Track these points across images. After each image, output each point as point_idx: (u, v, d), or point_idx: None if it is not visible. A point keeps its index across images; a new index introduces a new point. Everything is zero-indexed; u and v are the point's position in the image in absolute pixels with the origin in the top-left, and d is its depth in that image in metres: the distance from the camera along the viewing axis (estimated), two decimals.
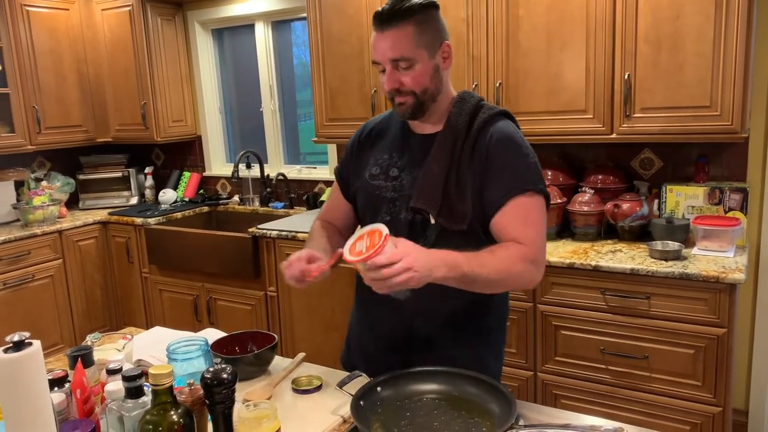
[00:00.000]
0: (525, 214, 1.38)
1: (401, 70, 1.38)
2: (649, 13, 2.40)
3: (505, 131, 1.42)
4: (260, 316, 3.41)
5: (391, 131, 1.56)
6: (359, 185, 1.55)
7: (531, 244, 1.36)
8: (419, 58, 1.37)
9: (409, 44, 1.36)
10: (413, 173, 1.45)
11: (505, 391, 1.21)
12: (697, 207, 2.62)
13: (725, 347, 2.22)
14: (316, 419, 1.29)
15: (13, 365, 0.99)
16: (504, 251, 1.35)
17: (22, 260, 3.55)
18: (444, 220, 1.39)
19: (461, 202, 1.39)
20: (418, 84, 1.39)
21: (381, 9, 1.37)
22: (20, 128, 3.79)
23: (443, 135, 1.43)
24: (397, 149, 1.51)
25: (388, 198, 1.47)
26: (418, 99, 1.40)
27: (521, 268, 1.34)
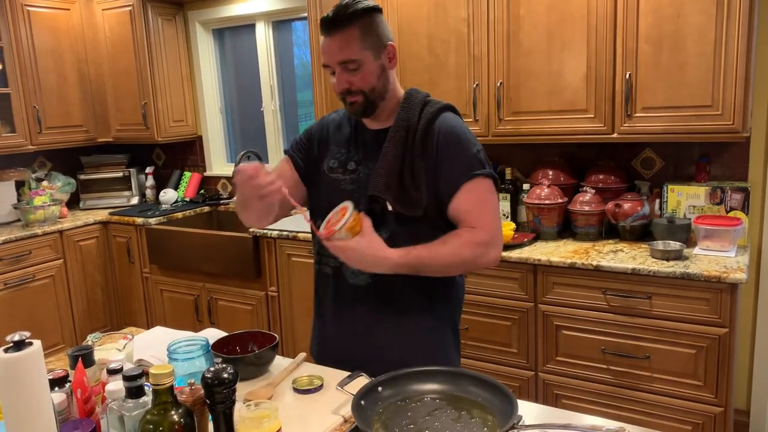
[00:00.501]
0: (476, 197, 1.50)
1: (350, 72, 1.47)
2: (650, 13, 2.39)
3: (450, 124, 1.54)
4: (261, 316, 3.41)
5: (345, 127, 1.64)
6: (316, 176, 1.63)
7: (483, 226, 1.49)
8: (365, 59, 1.46)
9: (356, 47, 1.45)
10: (369, 166, 1.55)
11: (506, 391, 1.20)
12: (699, 207, 2.61)
13: (727, 347, 2.21)
14: (316, 419, 1.29)
15: (13, 365, 0.99)
16: (457, 239, 1.48)
17: (23, 260, 3.55)
18: (400, 206, 1.49)
19: (415, 190, 1.49)
20: (366, 83, 1.48)
21: (327, 15, 1.46)
22: (21, 128, 3.79)
23: (395, 128, 1.53)
24: (352, 144, 1.61)
25: (348, 190, 1.56)
26: (368, 97, 1.50)
27: (474, 252, 1.48)
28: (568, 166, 2.92)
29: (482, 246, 1.49)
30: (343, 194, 1.54)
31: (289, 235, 3.19)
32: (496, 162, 3.15)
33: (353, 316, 1.59)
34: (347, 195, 1.53)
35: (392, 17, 2.96)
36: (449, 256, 1.47)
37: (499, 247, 1.54)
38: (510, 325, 2.62)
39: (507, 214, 2.96)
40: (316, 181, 1.64)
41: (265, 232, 3.27)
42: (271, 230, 3.25)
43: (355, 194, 1.54)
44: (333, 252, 1.41)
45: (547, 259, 2.48)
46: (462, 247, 1.47)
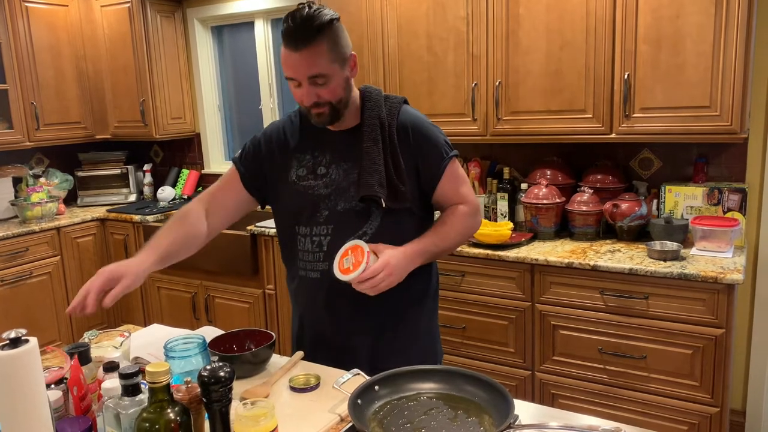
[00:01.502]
0: (455, 176, 1.63)
1: (317, 86, 1.47)
2: (649, 13, 2.39)
3: (415, 116, 1.62)
4: (258, 314, 3.41)
5: (300, 133, 1.64)
6: (284, 188, 1.63)
7: (468, 200, 1.65)
8: (334, 73, 1.47)
9: (325, 61, 1.45)
10: (342, 166, 1.57)
11: (503, 391, 1.20)
12: (696, 207, 2.62)
13: (723, 347, 2.22)
14: (313, 418, 1.29)
15: (9, 362, 0.99)
16: (452, 218, 1.62)
17: (20, 257, 3.54)
18: (392, 202, 1.54)
19: (402, 183, 1.55)
20: (334, 96, 1.50)
21: (291, 26, 1.43)
22: (18, 124, 3.78)
23: (368, 127, 1.56)
24: (316, 148, 1.61)
25: (324, 194, 1.58)
26: (335, 108, 1.51)
27: (470, 223, 1.65)
28: (566, 166, 2.93)
29: (473, 216, 1.65)
30: (319, 199, 1.57)
31: None
32: (494, 161, 3.15)
33: (349, 311, 1.60)
34: (323, 199, 1.57)
35: (391, 15, 2.96)
36: (454, 233, 1.61)
37: (482, 213, 1.77)
38: (507, 324, 2.63)
39: (505, 214, 2.96)
40: (281, 192, 1.64)
41: (262, 230, 3.27)
42: (268, 228, 3.25)
43: (332, 196, 1.57)
44: (372, 285, 1.43)
45: (545, 259, 2.48)
46: (461, 222, 1.62)
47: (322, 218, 1.57)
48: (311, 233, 1.59)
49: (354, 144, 1.57)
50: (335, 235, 1.56)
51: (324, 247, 1.57)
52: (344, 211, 1.56)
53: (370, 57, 3.07)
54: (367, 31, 3.05)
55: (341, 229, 1.56)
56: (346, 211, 1.56)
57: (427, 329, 1.71)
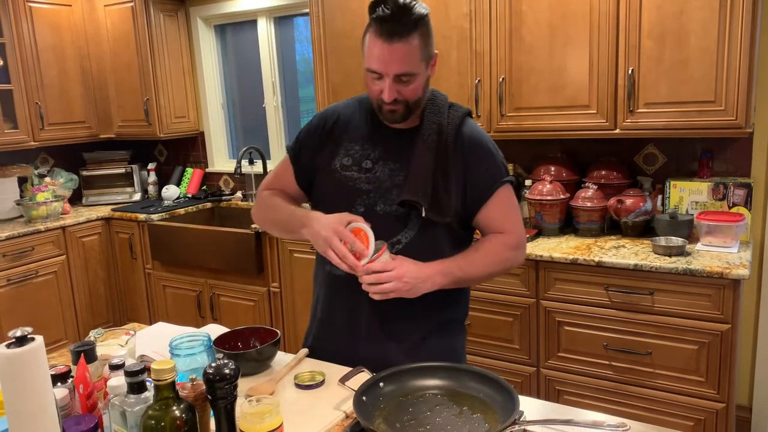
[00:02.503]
0: (506, 203, 1.51)
1: (401, 83, 1.38)
2: (653, 9, 2.38)
3: (477, 131, 1.52)
4: (263, 311, 3.42)
5: (357, 121, 1.56)
6: (325, 174, 1.55)
7: (513, 231, 1.52)
8: (420, 72, 1.40)
9: (416, 59, 1.36)
10: (389, 166, 1.49)
11: (508, 387, 1.20)
12: (701, 202, 2.61)
13: (729, 343, 2.21)
14: (318, 415, 1.29)
15: (15, 360, 0.99)
16: (489, 245, 1.50)
17: (26, 256, 3.56)
18: (433, 213, 1.44)
19: (447, 196, 1.45)
20: (414, 95, 1.42)
21: (385, 14, 1.32)
22: (23, 124, 3.79)
23: (426, 131, 1.47)
24: (368, 141, 1.52)
25: (363, 189, 1.49)
26: (409, 107, 1.44)
27: (506, 256, 1.52)
28: (570, 162, 2.92)
29: (513, 249, 1.52)
30: (357, 193, 1.49)
31: None
32: None
33: (368, 316, 1.51)
34: (361, 194, 1.49)
35: None
36: (485, 263, 1.48)
37: (525, 247, 1.57)
38: (512, 321, 2.62)
39: None
40: (322, 179, 1.56)
41: None
42: None
43: (371, 194, 1.48)
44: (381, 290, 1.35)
45: (549, 255, 2.48)
46: (496, 252, 1.50)
47: (357, 214, 1.46)
48: None
49: (407, 145, 1.48)
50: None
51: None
52: (383, 213, 1.47)
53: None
54: None
55: (375, 231, 1.42)
56: (385, 213, 1.47)
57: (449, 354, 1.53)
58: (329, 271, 1.57)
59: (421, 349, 1.51)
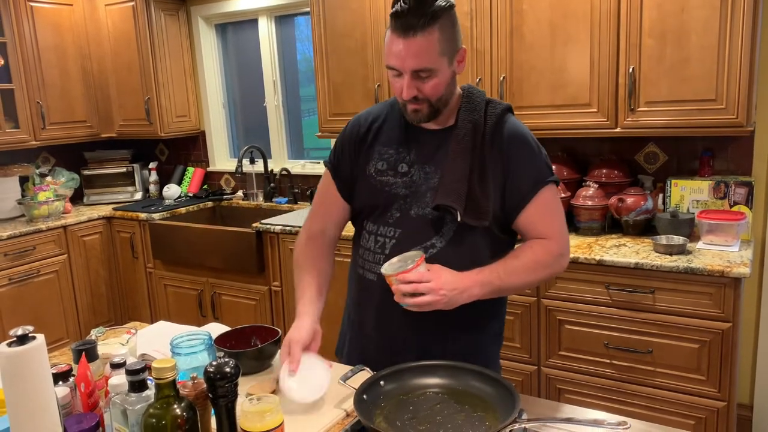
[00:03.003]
0: (549, 206, 1.43)
1: (420, 79, 1.34)
2: (654, 7, 2.38)
3: (518, 127, 1.44)
4: (264, 310, 3.42)
5: (390, 124, 1.51)
6: (361, 180, 1.51)
7: (556, 236, 1.43)
8: (440, 68, 1.34)
9: (434, 54, 1.31)
10: (425, 169, 1.43)
11: (508, 386, 1.20)
12: (702, 201, 2.60)
13: (730, 341, 2.21)
14: (319, 413, 1.29)
15: (16, 359, 1.00)
16: (530, 253, 1.41)
17: (27, 255, 3.56)
18: (469, 217, 1.37)
19: (484, 199, 1.38)
20: (436, 93, 1.36)
21: (402, 8, 1.28)
22: (24, 124, 3.79)
23: (461, 131, 1.41)
24: (402, 144, 1.47)
25: (400, 194, 1.44)
26: (433, 106, 1.38)
27: (548, 263, 1.42)
28: (571, 161, 2.92)
29: (556, 256, 1.43)
30: (394, 198, 1.44)
31: (292, 230, 3.19)
32: None
33: (399, 324, 1.46)
34: (398, 200, 1.44)
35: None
36: (526, 271, 1.40)
37: (569, 255, 1.48)
38: (513, 319, 2.62)
39: None
40: (358, 185, 1.52)
41: (268, 227, 3.27)
42: (273, 225, 3.25)
43: (408, 199, 1.43)
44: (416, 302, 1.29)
45: None
46: (538, 260, 1.41)
47: (392, 219, 1.44)
48: (377, 232, 1.47)
49: (442, 146, 1.42)
50: (402, 239, 1.42)
51: (386, 249, 1.43)
52: (416, 217, 1.42)
53: (374, 54, 3.06)
54: (371, 28, 3.05)
55: (409, 235, 1.41)
56: (419, 217, 1.42)
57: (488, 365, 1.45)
58: (360, 275, 1.53)
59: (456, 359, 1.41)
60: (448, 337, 1.47)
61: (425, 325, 1.45)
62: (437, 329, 1.46)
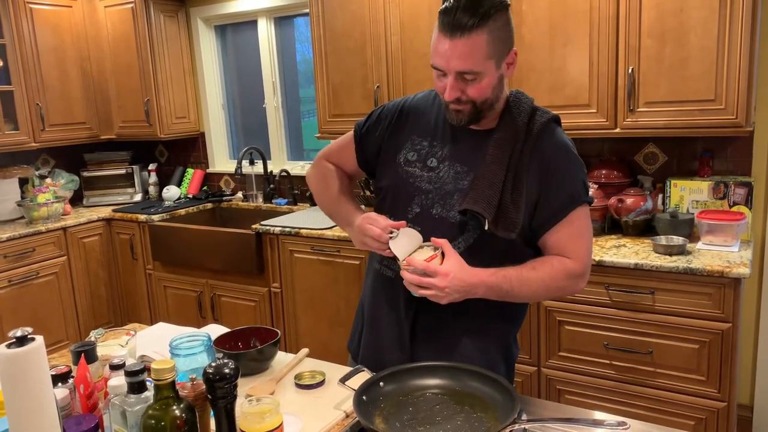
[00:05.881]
0: (579, 226, 1.37)
1: (465, 81, 1.28)
2: (653, 7, 2.38)
3: (563, 140, 1.39)
4: (264, 312, 3.42)
5: (431, 114, 1.46)
6: (388, 166, 1.47)
7: (580, 259, 1.37)
8: (487, 71, 1.27)
9: (481, 57, 1.25)
10: (456, 168, 1.39)
11: (508, 386, 1.20)
12: (702, 201, 2.60)
13: (730, 342, 2.21)
14: (318, 414, 1.29)
15: (16, 360, 0.99)
16: (548, 268, 1.35)
17: (27, 257, 3.56)
18: (497, 227, 1.31)
19: (515, 210, 1.32)
20: (481, 96, 1.30)
21: (452, 5, 1.22)
22: (24, 125, 3.79)
23: (501, 136, 1.35)
24: (438, 137, 1.42)
25: (423, 189, 1.40)
26: (477, 108, 1.32)
27: (563, 284, 1.37)
28: None
29: (574, 278, 1.37)
30: (416, 192, 1.40)
31: (291, 232, 3.19)
32: None
33: (410, 322, 1.44)
34: (420, 194, 1.40)
35: (394, 12, 2.95)
36: (539, 284, 1.34)
37: (587, 278, 1.40)
38: None
39: None
40: (386, 171, 1.48)
41: (267, 228, 3.27)
42: (273, 226, 3.25)
43: (431, 195, 1.39)
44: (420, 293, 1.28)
45: None
46: (554, 278, 1.35)
47: (412, 215, 1.39)
48: None
49: (479, 148, 1.36)
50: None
51: None
52: (438, 218, 1.37)
53: (373, 55, 3.07)
54: (370, 29, 3.05)
55: (426, 234, 1.34)
56: (440, 218, 1.37)
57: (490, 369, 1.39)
58: (378, 270, 1.50)
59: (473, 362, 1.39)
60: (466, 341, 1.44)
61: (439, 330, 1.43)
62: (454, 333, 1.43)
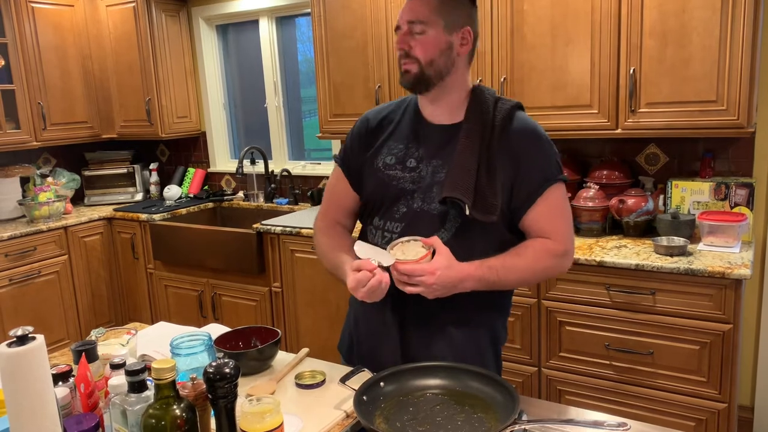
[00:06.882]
0: (556, 205, 1.42)
1: (413, 34, 1.38)
2: (655, 7, 2.38)
3: (529, 123, 1.45)
4: (265, 311, 3.42)
5: (400, 120, 1.52)
6: (369, 174, 1.51)
7: (560, 237, 1.42)
8: (433, 26, 1.38)
9: (428, 9, 1.37)
10: (432, 164, 1.43)
11: (508, 387, 1.20)
12: (703, 202, 2.60)
13: (731, 343, 2.21)
14: (319, 414, 1.29)
15: (16, 359, 1.00)
16: (531, 251, 1.40)
17: (28, 256, 3.56)
18: (476, 211, 1.36)
19: (492, 194, 1.38)
20: (425, 51, 1.38)
21: None
22: (25, 124, 3.80)
23: (470, 126, 1.42)
24: (411, 139, 1.48)
25: (408, 189, 1.44)
26: (423, 70, 1.39)
27: (549, 264, 1.41)
28: (572, 162, 2.92)
29: (558, 257, 1.42)
30: (401, 193, 1.45)
31: (292, 231, 3.19)
32: None
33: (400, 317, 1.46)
34: (405, 194, 1.44)
35: (395, 12, 2.95)
36: (525, 269, 1.39)
37: (572, 256, 1.46)
38: (513, 320, 2.62)
39: None
40: (366, 179, 1.52)
41: (268, 228, 3.27)
42: (274, 226, 3.25)
43: (415, 194, 1.43)
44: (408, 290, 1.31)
45: None
46: (538, 258, 1.40)
47: (398, 214, 1.44)
48: (383, 227, 1.47)
49: (450, 141, 1.42)
50: (405, 234, 1.40)
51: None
52: (420, 212, 1.42)
53: (375, 54, 3.07)
54: (371, 29, 3.05)
55: (412, 230, 1.40)
56: (423, 211, 1.42)
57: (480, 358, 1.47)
58: None
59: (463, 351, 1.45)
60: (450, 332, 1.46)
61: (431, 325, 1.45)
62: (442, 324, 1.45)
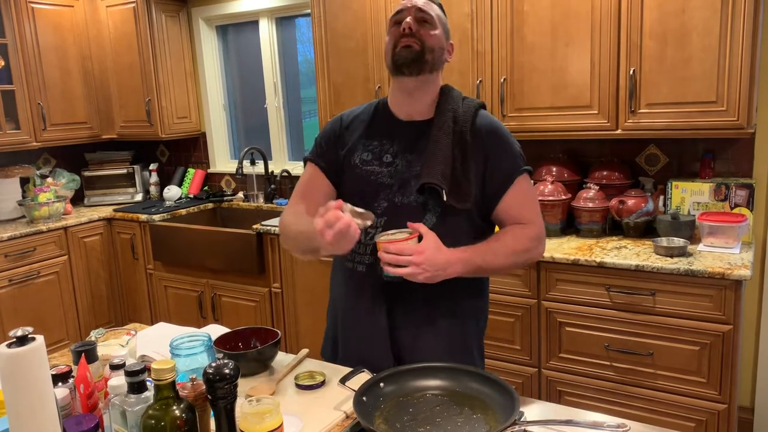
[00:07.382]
0: (525, 193, 1.52)
1: (422, 25, 1.45)
2: (655, 8, 2.38)
3: (492, 121, 1.55)
4: (265, 312, 3.42)
5: (372, 119, 1.59)
6: (347, 171, 1.56)
7: (533, 222, 1.52)
8: (438, 27, 1.48)
9: (434, 12, 1.48)
10: (407, 158, 1.50)
11: (508, 388, 1.20)
12: (703, 203, 2.60)
13: (731, 344, 2.21)
14: (318, 415, 1.29)
15: (16, 360, 0.99)
16: (510, 235, 1.49)
17: (28, 257, 3.56)
18: (453, 197, 1.43)
19: (467, 183, 1.45)
20: (430, 40, 1.45)
21: None
22: (25, 125, 3.80)
23: (440, 120, 1.49)
24: (385, 136, 1.55)
25: (386, 184, 1.50)
26: (424, 52, 1.45)
27: (527, 246, 1.50)
28: (572, 163, 2.92)
29: (534, 240, 1.51)
30: (381, 187, 1.49)
31: None
32: None
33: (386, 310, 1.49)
34: (384, 189, 1.49)
35: None
36: (506, 253, 1.46)
37: (545, 240, 1.55)
38: (513, 321, 2.62)
39: None
40: (346, 176, 1.57)
41: (268, 228, 3.27)
42: (274, 227, 3.25)
43: (393, 187, 1.49)
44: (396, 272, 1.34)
45: (551, 256, 2.47)
46: (518, 242, 1.48)
47: (380, 209, 1.48)
48: None
49: (423, 137, 1.50)
50: (387, 228, 1.44)
51: (374, 239, 1.45)
52: (401, 205, 1.47)
53: (375, 55, 3.07)
54: (371, 30, 3.05)
55: (394, 223, 1.44)
56: (403, 204, 1.47)
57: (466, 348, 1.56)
58: (351, 268, 1.54)
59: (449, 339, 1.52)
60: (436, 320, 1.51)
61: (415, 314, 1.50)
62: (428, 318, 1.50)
